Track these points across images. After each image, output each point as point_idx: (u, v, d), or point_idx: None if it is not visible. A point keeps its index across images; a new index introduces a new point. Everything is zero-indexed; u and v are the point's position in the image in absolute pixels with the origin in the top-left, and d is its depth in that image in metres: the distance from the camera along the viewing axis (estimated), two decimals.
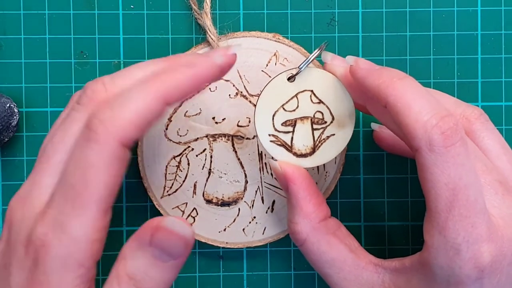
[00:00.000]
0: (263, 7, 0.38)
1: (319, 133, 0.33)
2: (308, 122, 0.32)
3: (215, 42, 0.37)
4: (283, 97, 0.32)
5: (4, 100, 0.37)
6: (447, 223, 0.28)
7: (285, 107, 0.32)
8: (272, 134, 0.33)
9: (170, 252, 0.28)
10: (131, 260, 0.27)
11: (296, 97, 0.32)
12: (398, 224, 0.39)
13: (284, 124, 0.32)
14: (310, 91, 0.32)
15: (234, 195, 0.38)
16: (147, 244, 0.27)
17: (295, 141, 0.32)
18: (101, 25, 0.38)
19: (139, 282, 0.27)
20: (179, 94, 0.28)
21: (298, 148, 0.33)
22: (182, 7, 0.38)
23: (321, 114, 0.32)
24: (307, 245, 0.32)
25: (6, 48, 0.38)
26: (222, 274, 0.39)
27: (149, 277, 0.27)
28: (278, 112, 0.32)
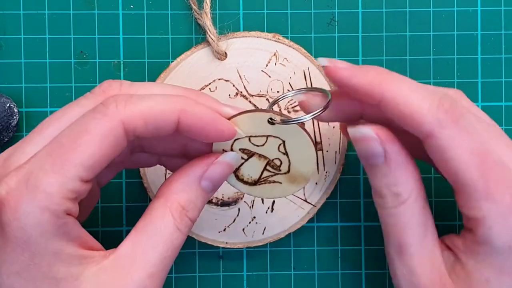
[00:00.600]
0: (263, 7, 0.38)
1: (268, 174, 0.32)
2: (264, 162, 0.31)
3: (215, 42, 0.37)
4: (255, 131, 0.31)
5: (4, 100, 0.37)
6: (489, 187, 0.28)
7: (251, 139, 0.31)
8: (225, 151, 0.31)
9: (217, 184, 0.30)
10: (183, 193, 0.29)
11: (267, 137, 0.31)
12: None
13: (242, 150, 0.31)
14: (282, 141, 0.31)
15: (234, 195, 0.38)
16: (199, 177, 0.29)
17: (243, 167, 0.32)
18: (101, 25, 0.38)
19: (189, 212, 0.29)
20: (192, 120, 0.28)
21: (242, 174, 0.32)
22: (182, 7, 0.38)
23: (280, 162, 0.32)
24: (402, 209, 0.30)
25: (6, 48, 0.38)
26: (222, 274, 0.39)
27: (197, 207, 0.30)
28: (242, 139, 0.31)
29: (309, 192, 0.38)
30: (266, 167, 0.32)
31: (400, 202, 0.30)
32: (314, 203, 0.38)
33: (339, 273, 0.39)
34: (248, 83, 0.37)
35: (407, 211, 0.30)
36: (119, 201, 0.38)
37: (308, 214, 0.38)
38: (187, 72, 0.37)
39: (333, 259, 0.39)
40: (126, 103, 0.27)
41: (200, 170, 0.30)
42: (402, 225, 0.30)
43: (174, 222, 0.29)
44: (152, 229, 0.28)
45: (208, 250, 0.39)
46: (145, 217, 0.29)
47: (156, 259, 0.28)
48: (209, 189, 0.30)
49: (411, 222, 0.30)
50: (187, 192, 0.29)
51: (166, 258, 0.28)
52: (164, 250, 0.28)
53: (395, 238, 0.31)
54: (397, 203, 0.30)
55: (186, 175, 0.30)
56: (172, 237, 0.28)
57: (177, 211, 0.29)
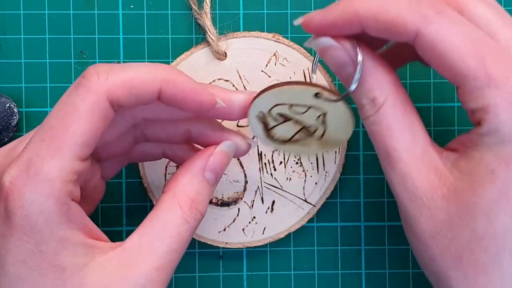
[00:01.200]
0: (263, 7, 0.38)
1: (300, 136, 0.33)
2: (298, 128, 0.32)
3: (214, 42, 0.37)
4: (299, 100, 0.31)
5: (4, 100, 0.37)
6: (490, 72, 0.27)
7: (293, 107, 0.32)
8: (263, 112, 0.31)
9: (219, 174, 0.31)
10: (189, 185, 0.30)
11: (309, 107, 0.31)
12: (398, 224, 0.39)
13: (279, 115, 0.32)
14: (323, 112, 0.31)
15: (234, 195, 0.38)
16: (203, 170, 0.30)
17: (276, 128, 0.32)
18: (101, 25, 0.38)
19: (198, 204, 0.30)
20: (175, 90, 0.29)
21: (274, 133, 0.32)
22: (182, 7, 0.38)
23: (315, 130, 0.32)
24: (383, 111, 0.29)
25: (6, 48, 0.38)
26: (222, 274, 0.39)
27: (205, 199, 0.30)
28: (283, 106, 0.32)
29: (309, 192, 0.38)
30: (300, 131, 0.32)
31: (378, 106, 0.29)
32: (314, 203, 0.38)
33: (339, 273, 0.39)
34: (248, 83, 0.37)
35: (386, 115, 0.29)
36: (119, 201, 0.38)
37: (308, 214, 0.38)
38: (187, 72, 0.37)
39: (333, 259, 0.39)
40: (108, 74, 0.27)
41: (202, 162, 0.30)
42: (385, 130, 0.29)
43: (182, 214, 0.29)
44: (159, 221, 0.29)
45: (208, 250, 0.39)
46: (153, 211, 0.29)
47: (163, 251, 0.28)
48: (212, 180, 0.30)
49: (393, 126, 0.29)
50: (193, 184, 0.30)
51: (173, 251, 0.28)
52: (171, 242, 0.28)
53: (382, 146, 0.29)
54: (375, 108, 0.29)
55: (190, 168, 0.30)
56: (179, 229, 0.29)
57: (186, 203, 0.29)
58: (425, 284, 0.39)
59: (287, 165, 0.38)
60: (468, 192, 0.28)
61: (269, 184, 0.38)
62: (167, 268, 0.28)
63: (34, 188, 0.26)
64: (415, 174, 0.29)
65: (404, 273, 0.39)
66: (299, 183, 0.38)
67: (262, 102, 0.31)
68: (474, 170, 0.28)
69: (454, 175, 0.28)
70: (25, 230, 0.26)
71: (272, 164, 0.38)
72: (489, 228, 0.27)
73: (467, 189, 0.28)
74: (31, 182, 0.26)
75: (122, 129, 0.32)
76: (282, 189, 0.38)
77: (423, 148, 0.29)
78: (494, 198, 0.27)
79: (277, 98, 0.31)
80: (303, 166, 0.38)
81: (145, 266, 0.28)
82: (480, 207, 0.27)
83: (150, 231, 0.28)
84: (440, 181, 0.28)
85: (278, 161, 0.38)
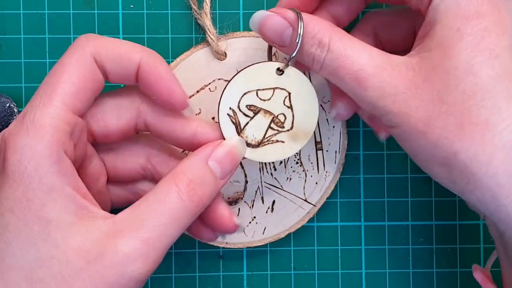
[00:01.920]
0: (263, 7, 0.38)
1: (271, 133, 0.33)
2: (269, 118, 0.32)
3: (214, 42, 0.37)
4: (263, 83, 0.32)
5: (4, 100, 0.37)
6: None
7: (259, 93, 0.32)
8: (233, 109, 0.32)
9: (225, 166, 0.31)
10: (190, 168, 0.30)
11: (274, 90, 0.32)
12: (398, 224, 0.39)
13: (249, 107, 0.32)
14: (287, 93, 0.32)
15: (234, 195, 0.38)
16: (206, 157, 0.30)
17: (247, 127, 0.33)
18: (101, 25, 0.38)
19: (197, 187, 0.29)
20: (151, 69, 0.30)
21: (246, 135, 0.33)
22: (182, 7, 0.38)
23: (284, 118, 0.32)
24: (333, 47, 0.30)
25: (6, 48, 0.38)
26: (222, 274, 0.39)
27: (206, 186, 0.30)
28: (250, 93, 0.32)
29: (309, 192, 0.38)
30: (271, 125, 0.32)
31: (326, 45, 0.30)
32: (314, 203, 0.38)
33: (339, 273, 0.39)
34: None
35: (339, 48, 0.29)
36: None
37: (308, 214, 0.38)
38: (187, 72, 0.37)
39: (333, 259, 0.39)
40: (95, 38, 0.30)
41: (207, 151, 0.31)
42: (344, 60, 0.29)
43: (177, 192, 0.29)
44: (154, 198, 0.29)
45: (208, 250, 0.39)
46: (151, 190, 0.29)
47: (151, 224, 0.28)
48: (217, 170, 0.30)
49: (349, 53, 0.29)
50: (194, 168, 0.30)
51: (162, 225, 0.28)
52: (162, 217, 0.28)
53: (348, 75, 0.29)
54: (325, 48, 0.30)
55: (194, 155, 0.30)
56: (172, 205, 0.28)
57: (183, 182, 0.29)
58: (425, 284, 0.39)
59: (287, 165, 0.38)
60: (444, 60, 0.28)
61: (269, 184, 0.38)
62: (154, 242, 0.27)
63: (27, 134, 0.27)
64: (389, 78, 0.29)
65: (404, 273, 0.39)
66: (299, 183, 0.38)
67: (230, 93, 0.32)
68: (441, 40, 0.28)
69: (424, 57, 0.29)
70: (15, 176, 0.27)
71: (272, 164, 0.38)
72: (477, 83, 0.27)
73: (442, 58, 0.28)
74: (25, 128, 0.27)
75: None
76: (282, 189, 0.38)
77: (384, 57, 0.29)
78: (469, 53, 0.28)
79: (243, 85, 0.32)
80: (303, 166, 0.38)
81: (130, 236, 0.27)
82: (462, 68, 0.28)
83: (143, 205, 0.28)
84: (414, 70, 0.29)
85: (278, 161, 0.37)
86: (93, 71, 0.29)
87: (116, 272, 0.27)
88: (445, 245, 0.39)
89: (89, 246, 0.27)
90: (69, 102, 0.28)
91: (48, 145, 0.27)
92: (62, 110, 0.28)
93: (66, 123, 0.28)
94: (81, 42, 0.30)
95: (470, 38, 0.28)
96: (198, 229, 0.33)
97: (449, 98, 0.28)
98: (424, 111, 0.28)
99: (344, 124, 0.37)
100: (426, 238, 0.39)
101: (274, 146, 0.33)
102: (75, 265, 0.27)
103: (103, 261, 0.27)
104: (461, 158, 0.28)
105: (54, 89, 0.28)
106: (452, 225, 0.39)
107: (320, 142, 0.37)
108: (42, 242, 0.27)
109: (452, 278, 0.39)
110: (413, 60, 0.29)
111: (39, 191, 0.27)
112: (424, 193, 0.39)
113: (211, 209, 0.32)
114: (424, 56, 0.29)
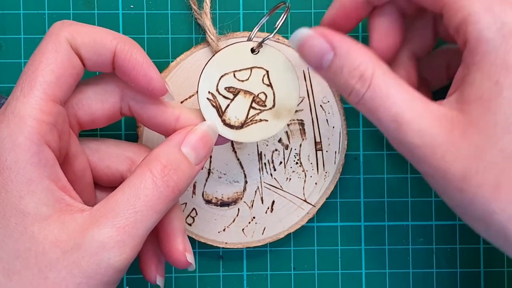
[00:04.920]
0: (263, 7, 0.38)
1: (254, 113, 0.33)
2: (250, 98, 0.32)
3: (214, 42, 0.37)
4: (239, 64, 0.32)
5: (4, 101, 0.37)
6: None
7: (236, 74, 0.32)
8: (211, 93, 0.32)
9: (199, 151, 0.30)
10: (163, 154, 0.29)
11: (251, 70, 0.32)
12: (398, 224, 0.39)
13: (227, 89, 0.32)
14: (265, 71, 0.32)
15: (234, 195, 0.38)
16: (180, 143, 0.30)
17: (229, 110, 0.32)
18: (101, 25, 0.38)
19: (171, 172, 0.29)
20: (126, 55, 0.30)
21: (228, 117, 0.32)
22: (182, 7, 0.38)
23: (265, 96, 0.32)
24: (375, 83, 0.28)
25: (6, 48, 0.38)
26: (222, 274, 0.39)
27: (181, 171, 0.29)
28: (227, 76, 0.32)
29: (308, 192, 0.38)
30: (252, 105, 0.32)
31: (368, 80, 0.28)
32: (313, 203, 0.38)
33: (339, 273, 0.39)
34: None
35: (381, 85, 0.28)
36: None
37: (308, 214, 0.38)
38: (187, 72, 0.37)
39: (333, 259, 0.39)
40: (70, 24, 0.30)
41: (179, 137, 0.30)
42: (385, 100, 0.28)
43: (151, 177, 0.29)
44: (129, 186, 0.28)
45: (208, 250, 0.39)
46: (126, 179, 0.29)
47: (127, 211, 0.27)
48: (191, 156, 0.30)
49: (392, 93, 0.28)
50: (167, 154, 0.30)
51: (138, 212, 0.28)
52: (136, 204, 0.28)
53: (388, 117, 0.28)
54: (366, 83, 0.29)
55: (167, 142, 0.30)
56: (147, 192, 0.28)
57: (157, 168, 0.29)
58: (425, 284, 0.39)
59: (287, 165, 0.38)
60: (482, 115, 0.27)
61: (269, 184, 0.38)
62: (130, 229, 0.27)
63: (7, 125, 0.27)
64: (428, 128, 0.28)
65: (404, 273, 0.39)
66: (299, 183, 0.38)
67: (207, 77, 0.32)
68: (479, 92, 0.27)
69: (463, 110, 0.28)
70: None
71: (272, 164, 0.38)
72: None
73: (481, 112, 0.27)
74: (5, 120, 0.27)
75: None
76: (282, 189, 0.38)
77: (424, 104, 0.28)
78: (508, 110, 0.27)
79: (219, 68, 0.32)
80: (303, 166, 0.38)
81: (105, 224, 0.27)
82: (500, 125, 0.27)
83: (118, 194, 0.28)
84: (453, 123, 0.28)
85: (278, 161, 0.38)
86: (70, 57, 0.29)
87: (93, 261, 0.27)
88: (445, 245, 0.39)
89: (66, 237, 0.27)
90: (49, 91, 0.28)
91: (28, 136, 0.27)
92: (43, 100, 0.28)
93: (47, 114, 0.28)
94: (55, 29, 0.29)
95: (509, 93, 0.27)
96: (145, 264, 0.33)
97: (487, 156, 0.27)
98: (461, 166, 0.27)
99: (343, 124, 0.37)
100: (426, 238, 0.39)
101: (258, 126, 0.33)
102: (51, 256, 0.27)
103: (79, 251, 0.27)
104: (497, 218, 0.27)
105: (33, 78, 0.28)
106: (452, 225, 0.39)
107: (320, 143, 0.37)
108: (19, 234, 0.27)
109: (452, 278, 0.39)
110: (453, 112, 0.28)
111: (18, 183, 0.27)
112: (424, 193, 0.39)
113: (168, 238, 0.31)
114: (464, 108, 0.28)
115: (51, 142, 0.28)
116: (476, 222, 0.28)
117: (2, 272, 0.27)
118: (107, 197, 0.28)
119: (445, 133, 0.28)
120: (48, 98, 0.28)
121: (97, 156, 0.33)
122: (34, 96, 0.28)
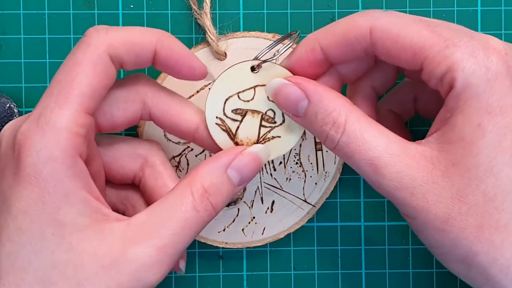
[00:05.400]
0: (263, 7, 0.38)
1: (265, 131, 0.32)
2: (258, 117, 0.32)
3: (214, 42, 0.37)
4: (242, 85, 0.32)
5: (4, 100, 0.37)
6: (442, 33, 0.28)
7: (240, 95, 0.32)
8: (219, 117, 0.32)
9: (244, 175, 0.30)
10: (207, 176, 0.29)
11: (254, 89, 0.32)
12: (398, 224, 0.39)
13: (235, 111, 0.32)
14: None
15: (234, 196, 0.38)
16: (226, 165, 0.30)
17: (240, 131, 0.32)
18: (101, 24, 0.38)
19: (211, 196, 0.29)
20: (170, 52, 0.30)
21: (240, 139, 0.32)
22: (182, 7, 0.38)
23: (273, 113, 0.32)
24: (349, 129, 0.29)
25: (6, 48, 0.38)
26: (222, 274, 0.39)
27: (221, 194, 0.29)
28: (232, 98, 0.32)
29: (308, 192, 0.38)
30: (262, 123, 0.32)
31: (342, 126, 0.29)
32: (313, 203, 0.38)
33: (339, 273, 0.39)
34: None
35: (355, 131, 0.29)
36: None
37: (307, 214, 0.38)
38: None
39: (333, 259, 0.39)
40: (107, 31, 0.29)
41: (227, 158, 0.30)
42: (360, 145, 0.28)
43: (192, 201, 0.29)
44: (168, 204, 0.29)
45: (208, 250, 0.39)
46: (167, 194, 0.29)
47: (167, 233, 0.28)
48: (235, 179, 0.30)
49: (366, 138, 0.28)
50: (211, 176, 0.29)
51: (177, 234, 0.28)
52: (176, 226, 0.28)
53: (364, 161, 0.28)
54: (340, 129, 0.29)
55: (214, 160, 0.30)
56: (186, 215, 0.28)
57: (198, 192, 0.29)
58: (425, 284, 0.39)
59: (286, 165, 0.38)
60: (465, 158, 0.27)
61: (268, 184, 0.38)
62: (168, 249, 0.28)
63: (43, 137, 0.27)
64: (407, 169, 0.28)
65: (404, 273, 0.39)
66: (298, 183, 0.38)
67: (212, 102, 0.32)
68: (461, 134, 0.27)
69: (444, 150, 0.28)
70: (30, 179, 0.27)
71: (272, 164, 0.38)
72: (497, 185, 0.27)
73: (462, 154, 0.27)
74: (40, 131, 0.27)
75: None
76: (281, 189, 0.38)
77: (401, 145, 0.29)
78: (490, 153, 0.27)
79: (222, 92, 0.32)
80: (303, 166, 0.38)
81: (146, 244, 0.28)
82: (483, 167, 0.27)
83: (158, 211, 0.29)
84: (433, 163, 0.28)
85: (278, 161, 0.38)
86: (108, 69, 0.29)
87: (132, 279, 0.27)
88: None
89: (105, 250, 0.27)
90: (85, 104, 0.28)
91: (64, 149, 0.27)
92: (78, 112, 0.28)
93: (81, 126, 0.28)
94: (93, 39, 0.29)
95: (491, 136, 0.27)
96: None
97: (469, 198, 0.27)
98: (443, 208, 0.27)
99: None
100: None
101: (272, 143, 0.32)
102: (90, 269, 0.27)
103: (119, 267, 0.27)
104: (480, 260, 0.27)
105: (69, 90, 0.28)
106: None
107: (320, 143, 0.37)
108: (56, 245, 0.27)
109: (452, 278, 0.39)
110: (433, 152, 0.28)
111: (55, 194, 0.27)
112: None
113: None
114: (445, 148, 0.28)
115: (83, 153, 0.28)
116: (456, 263, 0.28)
117: (38, 283, 0.27)
118: (146, 211, 0.29)
119: (425, 173, 0.28)
120: (83, 110, 0.28)
121: (111, 156, 0.33)
122: (70, 108, 0.27)
